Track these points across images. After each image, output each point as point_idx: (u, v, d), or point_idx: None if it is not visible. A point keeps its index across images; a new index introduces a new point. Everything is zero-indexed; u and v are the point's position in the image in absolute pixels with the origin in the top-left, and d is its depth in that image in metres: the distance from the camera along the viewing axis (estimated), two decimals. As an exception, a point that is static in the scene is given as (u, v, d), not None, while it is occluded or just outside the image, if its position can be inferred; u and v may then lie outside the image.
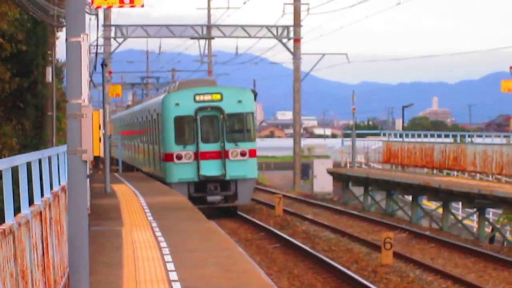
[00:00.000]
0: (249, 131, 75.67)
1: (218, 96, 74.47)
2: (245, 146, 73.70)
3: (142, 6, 15.18)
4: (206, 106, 73.63)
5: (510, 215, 48.66)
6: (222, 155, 71.99)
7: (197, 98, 73.66)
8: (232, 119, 73.94)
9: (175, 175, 71.38)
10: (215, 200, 71.84)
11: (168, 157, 71.98)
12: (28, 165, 16.73)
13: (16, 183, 15.11)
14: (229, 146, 72.42)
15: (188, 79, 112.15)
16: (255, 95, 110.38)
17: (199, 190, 71.80)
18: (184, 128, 72.77)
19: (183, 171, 71.08)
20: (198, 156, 71.45)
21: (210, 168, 71.58)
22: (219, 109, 73.24)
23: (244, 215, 55.98)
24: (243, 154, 73.92)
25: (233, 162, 72.74)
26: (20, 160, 15.87)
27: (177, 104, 72.41)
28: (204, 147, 72.57)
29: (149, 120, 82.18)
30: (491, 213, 52.97)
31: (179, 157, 71.10)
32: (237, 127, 74.94)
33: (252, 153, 75.07)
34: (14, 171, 14.70)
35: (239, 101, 74.71)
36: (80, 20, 14.16)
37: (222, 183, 72.39)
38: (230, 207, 73.04)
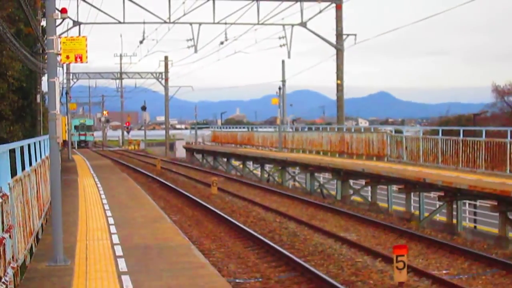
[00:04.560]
0: (91, 129, 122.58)
1: (84, 121, 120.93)
2: (90, 133, 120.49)
3: (87, 62, 15.37)
4: (82, 123, 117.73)
5: (277, 167, 48.94)
6: (85, 135, 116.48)
7: (79, 121, 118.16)
8: (87, 126, 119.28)
9: (75, 139, 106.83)
10: (82, 145, 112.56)
11: (73, 135, 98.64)
12: (29, 145, 16.67)
13: (23, 154, 15.08)
14: (86, 132, 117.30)
15: (79, 114, 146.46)
16: (145, 108, 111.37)
17: (80, 144, 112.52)
18: (78, 128, 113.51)
19: (77, 138, 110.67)
20: (79, 135, 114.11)
21: (82, 138, 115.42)
22: (84, 124, 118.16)
23: (140, 170, 55.46)
24: (90, 135, 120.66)
25: (87, 136, 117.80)
26: (27, 142, 16.04)
27: (75, 122, 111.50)
28: (81, 133, 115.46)
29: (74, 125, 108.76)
30: (267, 167, 53.28)
31: (75, 135, 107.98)
32: (88, 129, 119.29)
33: (91, 135, 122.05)
34: (22, 148, 14.76)
35: (89, 121, 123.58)
36: (54, 70, 14.10)
37: (84, 141, 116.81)
38: (86, 147, 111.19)
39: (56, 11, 14.19)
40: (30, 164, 16.36)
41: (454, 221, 26.39)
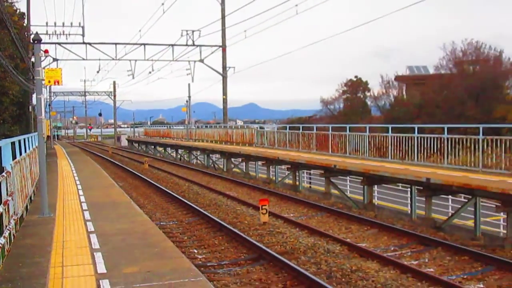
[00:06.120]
0: (61, 129, 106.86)
1: (56, 123, 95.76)
2: (60, 131, 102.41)
3: (62, 85, 15.15)
4: (55, 125, 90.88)
5: (185, 151, 48.64)
6: (56, 131, 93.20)
7: (54, 124, 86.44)
8: (58, 127, 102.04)
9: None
10: (56, 138, 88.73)
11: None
12: (24, 139, 16.14)
13: (20, 145, 14.56)
14: (57, 130, 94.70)
15: (57, 119, 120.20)
16: (101, 114, 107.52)
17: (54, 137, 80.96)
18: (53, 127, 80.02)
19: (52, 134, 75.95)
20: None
21: (54, 133, 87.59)
22: (56, 125, 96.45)
23: (98, 154, 54.51)
24: (59, 131, 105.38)
25: (58, 132, 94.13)
26: (23, 137, 15.41)
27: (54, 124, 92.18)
28: (55, 130, 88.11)
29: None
30: (180, 151, 52.96)
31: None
32: (59, 128, 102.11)
33: (60, 131, 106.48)
34: (19, 141, 14.25)
35: (59, 124, 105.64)
36: (40, 90, 13.73)
37: (57, 135, 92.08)
38: (58, 139, 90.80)
39: (41, 52, 13.83)
40: (25, 151, 15.85)
41: (297, 183, 26.80)
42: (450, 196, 19.44)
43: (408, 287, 10.25)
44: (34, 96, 39.23)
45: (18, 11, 38.66)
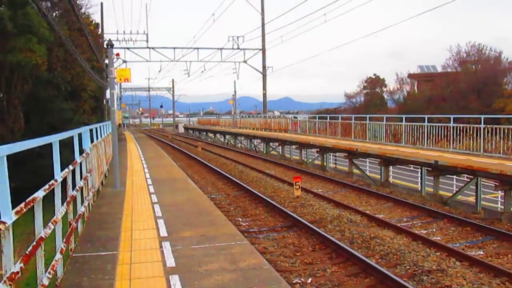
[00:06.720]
0: (127, 118, 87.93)
1: (124, 114, 75.84)
2: (126, 120, 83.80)
3: (130, 81, 15.44)
4: (123, 115, 74.15)
5: (232, 137, 48.68)
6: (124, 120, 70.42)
7: (123, 114, 75.54)
8: (125, 116, 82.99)
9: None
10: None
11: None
12: (100, 127, 16.39)
13: (97, 131, 14.76)
14: (124, 119, 74.19)
15: (126, 110, 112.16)
16: (162, 106, 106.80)
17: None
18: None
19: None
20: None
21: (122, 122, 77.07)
22: (124, 115, 71.73)
23: (159, 139, 54.94)
24: (126, 120, 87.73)
25: (125, 121, 75.23)
26: (99, 125, 15.62)
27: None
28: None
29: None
30: (227, 136, 53.07)
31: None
32: (126, 118, 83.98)
33: (127, 120, 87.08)
34: (96, 128, 14.45)
35: (126, 114, 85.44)
36: (113, 86, 13.91)
37: (124, 123, 72.96)
38: (126, 127, 75.24)
39: (114, 55, 14.02)
40: (101, 136, 16.09)
41: (325, 163, 26.65)
42: (455, 176, 19.10)
43: (418, 252, 10.12)
44: (107, 91, 39.79)
45: (93, 21, 39.21)
